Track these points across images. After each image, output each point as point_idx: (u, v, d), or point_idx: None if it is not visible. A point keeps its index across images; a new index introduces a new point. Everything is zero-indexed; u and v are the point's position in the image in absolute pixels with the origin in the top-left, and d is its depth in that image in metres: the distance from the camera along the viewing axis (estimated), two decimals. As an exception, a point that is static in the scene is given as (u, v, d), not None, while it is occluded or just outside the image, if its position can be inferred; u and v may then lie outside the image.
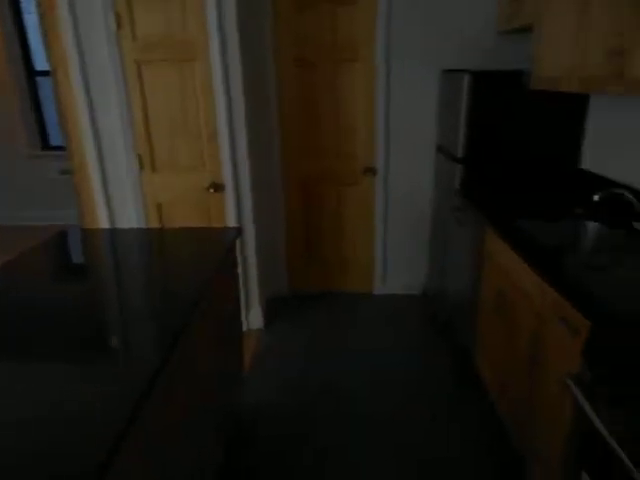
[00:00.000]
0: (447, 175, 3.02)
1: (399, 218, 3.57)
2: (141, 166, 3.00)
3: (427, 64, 3.22)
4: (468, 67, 3.18)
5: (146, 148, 2.97)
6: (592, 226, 2.21)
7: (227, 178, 2.98)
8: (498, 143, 2.78)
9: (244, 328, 3.14)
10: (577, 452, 1.36)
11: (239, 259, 2.96)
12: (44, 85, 5.28)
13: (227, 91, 2.83)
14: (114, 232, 2.32)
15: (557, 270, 1.70)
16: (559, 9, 2.25)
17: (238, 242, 2.81)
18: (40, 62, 5.24)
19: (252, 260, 3.18)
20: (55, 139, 5.49)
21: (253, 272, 3.22)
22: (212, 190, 3.00)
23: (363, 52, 3.22)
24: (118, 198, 3.09)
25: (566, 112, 2.71)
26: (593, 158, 2.69)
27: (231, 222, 3.06)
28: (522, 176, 2.81)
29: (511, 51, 3.14)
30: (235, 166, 2.98)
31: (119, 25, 2.75)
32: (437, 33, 3.16)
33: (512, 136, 2.76)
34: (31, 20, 5.11)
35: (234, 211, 3.04)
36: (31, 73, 5.36)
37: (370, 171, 3.45)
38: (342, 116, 3.37)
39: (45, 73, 5.02)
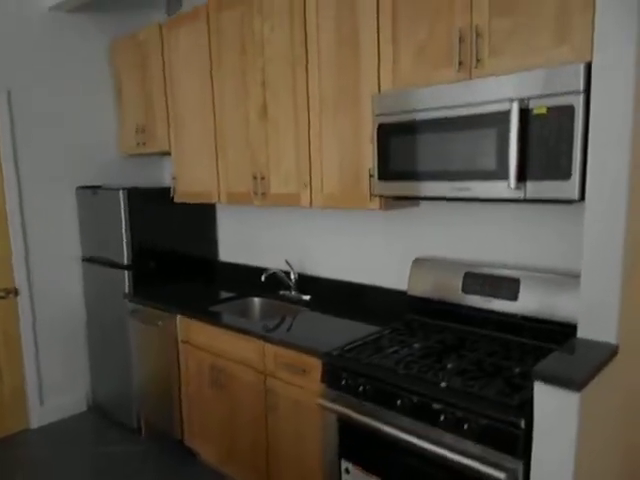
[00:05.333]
0: (111, 283, 3.18)
1: (51, 337, 3.36)
2: None
3: (62, 182, 3.32)
4: (100, 183, 3.49)
5: None
6: (257, 300, 2.98)
7: None
8: (157, 246, 3.20)
9: None
10: (337, 446, 1.96)
11: None
12: None
13: None
14: None
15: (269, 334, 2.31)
16: (189, 141, 2.98)
17: None
18: None
19: None
20: None
21: None
22: None
23: (-13, 169, 3.01)
24: None
25: (203, 217, 3.44)
26: (224, 250, 3.52)
27: None
28: (181, 270, 3.34)
29: (135, 169, 3.67)
30: None
31: None
32: (67, 154, 3.33)
33: (167, 239, 3.25)
34: None
35: None
36: None
37: (11, 292, 3.15)
38: (-34, 237, 2.97)
39: None
